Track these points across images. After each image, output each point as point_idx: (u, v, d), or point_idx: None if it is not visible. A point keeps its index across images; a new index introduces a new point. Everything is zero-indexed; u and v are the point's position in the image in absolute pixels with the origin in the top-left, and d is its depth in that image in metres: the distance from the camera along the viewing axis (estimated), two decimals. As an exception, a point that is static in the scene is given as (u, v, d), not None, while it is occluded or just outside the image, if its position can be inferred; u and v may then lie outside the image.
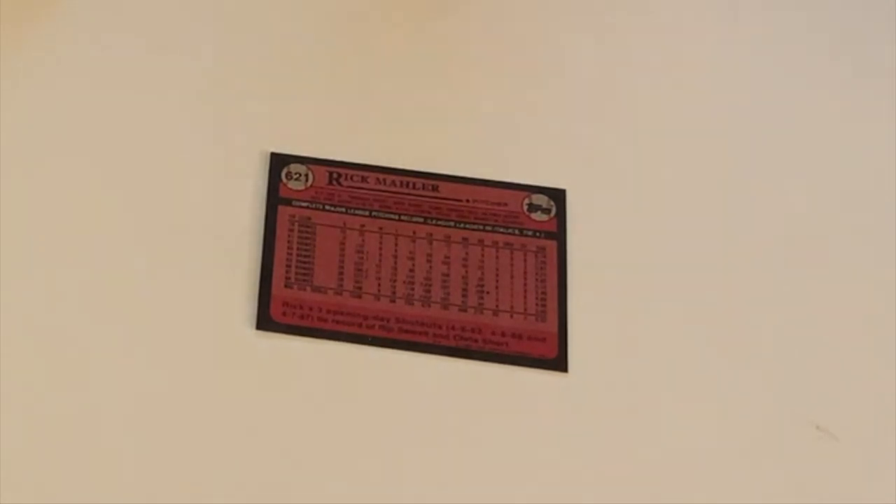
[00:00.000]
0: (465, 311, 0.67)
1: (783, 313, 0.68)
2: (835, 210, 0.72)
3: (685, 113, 0.74)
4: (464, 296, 0.68)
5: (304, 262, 0.68)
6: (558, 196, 0.71)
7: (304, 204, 0.70)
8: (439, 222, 0.70)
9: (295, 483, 0.63)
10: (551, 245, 0.70)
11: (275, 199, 0.70)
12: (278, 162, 0.71)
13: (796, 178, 0.73)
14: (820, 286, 0.69)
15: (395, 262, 0.69)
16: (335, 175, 0.71)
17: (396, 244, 0.69)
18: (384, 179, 0.71)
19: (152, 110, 0.73)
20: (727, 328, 0.68)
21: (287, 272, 0.68)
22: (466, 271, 0.68)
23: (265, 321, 0.67)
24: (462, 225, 0.70)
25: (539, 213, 0.70)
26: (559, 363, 0.66)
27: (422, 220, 0.70)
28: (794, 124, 0.74)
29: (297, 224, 0.69)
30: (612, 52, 0.76)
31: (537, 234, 0.70)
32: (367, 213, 0.70)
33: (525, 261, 0.69)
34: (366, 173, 0.71)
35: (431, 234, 0.69)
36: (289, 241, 0.69)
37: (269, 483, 0.63)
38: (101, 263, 0.68)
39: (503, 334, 0.67)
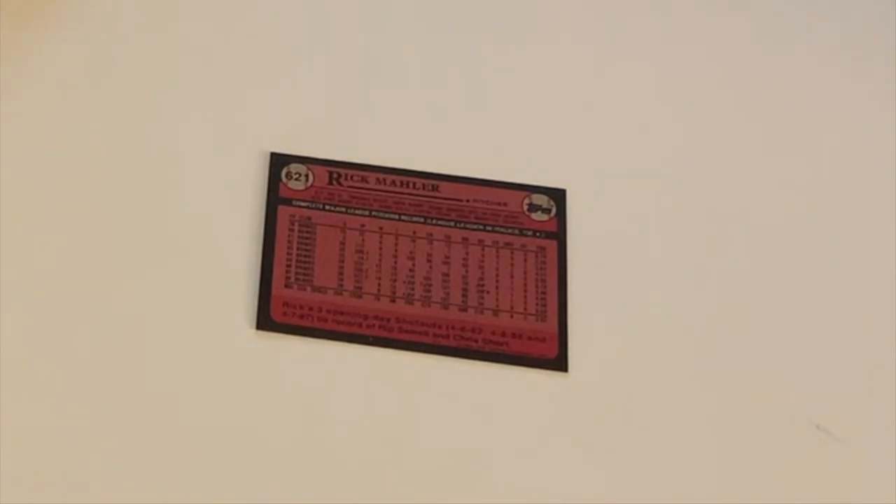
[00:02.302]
0: (465, 310, 0.67)
1: (783, 313, 0.68)
2: (835, 210, 0.72)
3: (685, 112, 0.74)
4: (464, 296, 0.68)
5: (304, 262, 0.68)
6: (558, 196, 0.71)
7: (304, 204, 0.70)
8: (439, 222, 0.70)
9: (295, 483, 0.63)
10: (551, 245, 0.70)
11: (275, 199, 0.70)
12: (278, 162, 0.71)
13: (797, 179, 0.73)
14: (820, 286, 0.69)
15: (395, 262, 0.69)
16: (335, 175, 0.71)
17: (396, 244, 0.69)
18: (384, 179, 0.71)
19: (151, 110, 0.73)
20: (727, 328, 0.68)
21: (287, 272, 0.68)
22: (466, 271, 0.68)
23: (265, 321, 0.67)
24: (462, 225, 0.70)
25: (539, 213, 0.70)
26: (559, 363, 0.66)
27: (422, 220, 0.70)
28: (795, 123, 0.74)
29: (297, 224, 0.69)
30: (612, 51, 0.76)
31: (537, 233, 0.70)
32: (367, 213, 0.70)
33: (525, 261, 0.69)
34: (366, 173, 0.71)
35: (431, 234, 0.69)
36: (289, 241, 0.69)
37: (269, 483, 0.63)
38: (101, 263, 0.68)
39: (503, 334, 0.67)
